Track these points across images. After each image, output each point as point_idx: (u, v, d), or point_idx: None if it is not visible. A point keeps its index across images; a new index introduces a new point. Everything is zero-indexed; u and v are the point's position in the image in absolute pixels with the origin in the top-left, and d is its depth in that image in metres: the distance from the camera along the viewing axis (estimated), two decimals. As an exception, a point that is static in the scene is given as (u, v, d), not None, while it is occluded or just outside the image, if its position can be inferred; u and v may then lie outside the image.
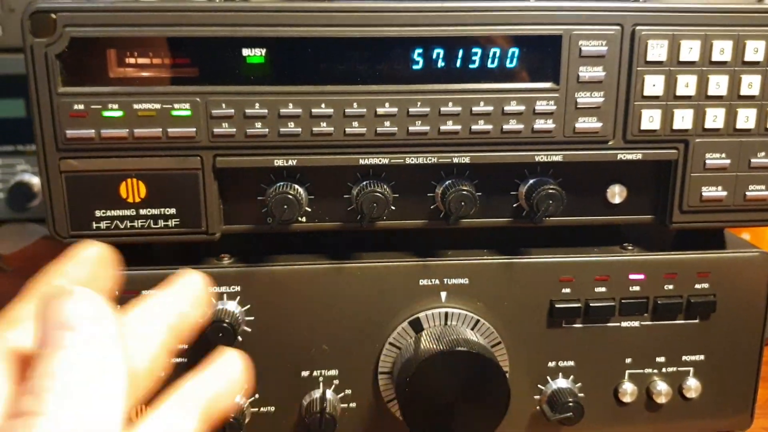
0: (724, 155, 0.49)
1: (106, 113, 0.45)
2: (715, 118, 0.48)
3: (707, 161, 0.49)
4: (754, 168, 0.49)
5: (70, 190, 0.47)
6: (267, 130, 0.46)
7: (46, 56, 0.44)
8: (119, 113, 0.45)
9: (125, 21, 0.44)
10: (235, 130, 0.46)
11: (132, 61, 0.46)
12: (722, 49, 0.47)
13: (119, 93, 0.45)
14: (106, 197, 0.47)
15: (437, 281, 0.51)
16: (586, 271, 0.51)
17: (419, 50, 0.46)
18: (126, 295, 0.49)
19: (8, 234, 1.01)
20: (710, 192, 0.49)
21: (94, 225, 0.47)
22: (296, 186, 0.48)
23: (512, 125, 0.47)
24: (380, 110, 0.46)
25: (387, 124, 0.47)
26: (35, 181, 1.00)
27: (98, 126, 0.45)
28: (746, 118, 0.48)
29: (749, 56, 0.47)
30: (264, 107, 0.46)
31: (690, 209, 0.50)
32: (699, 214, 0.50)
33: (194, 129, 0.46)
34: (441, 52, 0.47)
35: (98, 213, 0.47)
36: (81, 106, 0.45)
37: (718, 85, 0.47)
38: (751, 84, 0.48)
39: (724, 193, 0.49)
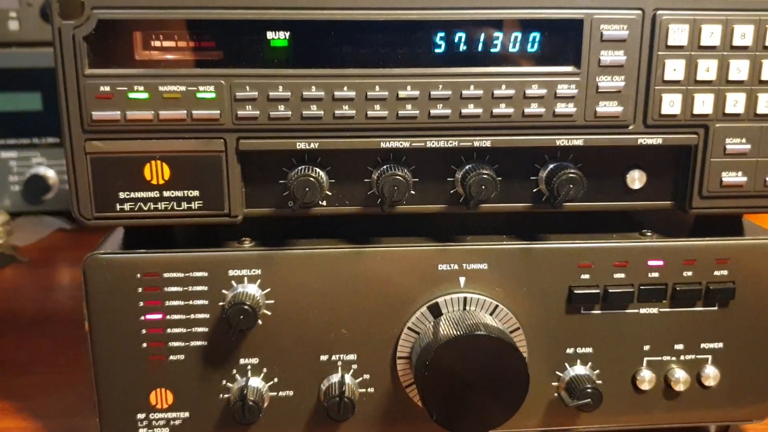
0: (744, 140, 0.49)
1: (131, 95, 0.46)
2: (735, 102, 0.48)
3: (727, 146, 0.49)
4: (774, 154, 0.49)
5: (95, 171, 0.47)
6: (290, 112, 0.46)
7: (73, 38, 0.45)
8: (145, 95, 0.46)
9: (151, 3, 0.45)
10: (258, 112, 0.46)
11: (157, 43, 0.46)
12: (743, 34, 0.47)
13: (145, 75, 0.46)
14: (130, 179, 0.47)
15: (456, 266, 0.51)
16: (604, 257, 0.51)
17: (441, 34, 0.47)
18: (147, 277, 0.49)
19: (24, 226, 1.02)
20: (730, 177, 0.49)
21: (118, 207, 0.48)
22: (317, 169, 0.49)
23: (533, 109, 0.47)
24: (402, 93, 0.47)
25: (408, 107, 0.47)
26: (50, 173, 1.01)
27: (124, 108, 0.46)
28: (767, 104, 0.48)
29: (770, 41, 0.47)
30: (287, 90, 0.46)
31: (710, 194, 0.50)
32: (719, 199, 0.50)
33: (218, 111, 0.46)
34: (462, 35, 0.47)
35: (122, 195, 0.48)
36: (107, 88, 0.46)
37: (739, 69, 0.48)
38: (771, 69, 0.48)
39: (744, 179, 0.49)
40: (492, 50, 0.47)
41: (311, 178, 0.47)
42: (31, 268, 0.92)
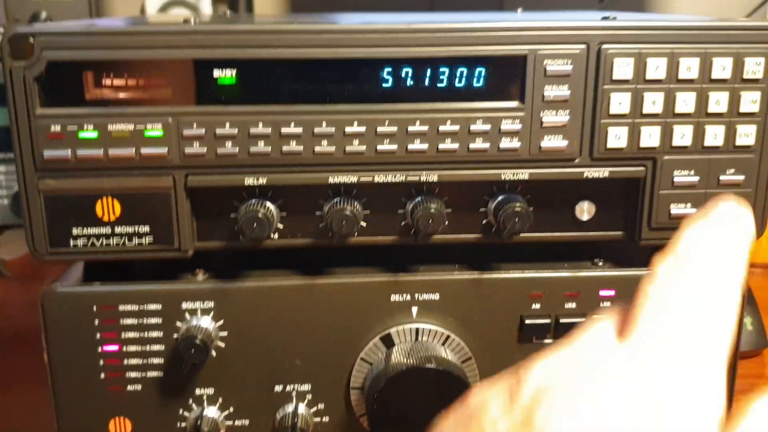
0: (692, 172, 0.49)
1: (82, 134, 0.47)
2: (683, 135, 0.48)
3: (676, 178, 0.49)
4: (723, 185, 0.49)
5: (49, 208, 0.48)
6: (237, 149, 0.47)
7: (24, 79, 0.46)
8: (94, 134, 0.47)
9: (100, 44, 0.46)
10: (206, 149, 0.47)
11: (107, 82, 0.47)
12: (689, 67, 0.47)
13: (94, 114, 0.46)
14: (82, 215, 0.48)
15: (408, 296, 0.52)
16: (556, 286, 0.51)
17: (388, 70, 0.47)
18: (104, 309, 0.50)
19: (11, 240, 1.04)
20: (679, 209, 0.49)
21: (72, 243, 0.49)
22: (268, 203, 0.49)
23: (478, 144, 0.47)
24: (348, 129, 0.47)
25: (355, 142, 0.48)
26: (38, 189, 1.03)
27: (74, 146, 0.47)
28: (715, 135, 0.48)
29: (716, 74, 0.47)
30: (234, 126, 0.47)
31: (659, 226, 0.50)
32: (668, 231, 0.50)
33: (166, 149, 0.47)
34: (409, 71, 0.47)
35: (75, 231, 0.48)
36: (58, 128, 0.46)
37: (686, 102, 0.48)
38: (719, 101, 0.48)
39: (693, 210, 0.49)
40: (438, 85, 0.47)
41: (259, 214, 0.48)
42: (17, 282, 0.94)
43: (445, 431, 0.29)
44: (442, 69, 0.47)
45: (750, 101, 0.48)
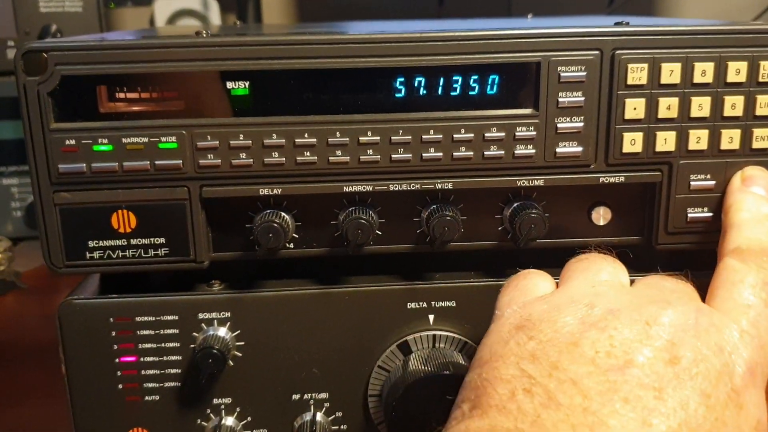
0: (709, 176, 0.49)
1: (96, 147, 0.47)
2: (698, 139, 0.48)
3: (692, 183, 0.49)
4: (740, 189, 0.49)
5: (65, 221, 0.48)
6: (251, 160, 0.47)
7: (38, 94, 0.46)
8: (109, 147, 0.47)
9: (113, 59, 0.46)
10: (220, 160, 0.47)
11: (121, 96, 0.47)
12: (704, 71, 0.47)
13: (108, 128, 0.47)
14: (98, 228, 0.48)
15: (425, 304, 0.51)
16: (573, 293, 0.51)
17: (401, 79, 0.47)
18: (120, 321, 0.51)
19: (26, 251, 1.04)
20: (696, 213, 0.49)
21: (88, 255, 0.49)
22: (283, 213, 0.49)
23: (493, 151, 0.47)
24: (363, 139, 0.47)
25: (370, 152, 0.48)
26: (51, 201, 1.03)
27: (89, 160, 0.47)
28: (730, 139, 0.48)
29: (731, 77, 0.47)
30: (248, 138, 0.47)
31: (676, 230, 0.50)
32: (685, 235, 0.50)
33: (180, 161, 0.47)
34: (422, 80, 0.47)
35: (91, 243, 0.49)
36: (72, 141, 0.47)
37: (701, 106, 0.47)
38: (734, 105, 0.47)
39: (710, 214, 0.49)
40: (452, 94, 0.47)
41: (275, 224, 0.48)
42: (32, 294, 0.94)
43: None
44: (455, 77, 0.47)
45: (765, 104, 0.47)
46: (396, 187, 0.49)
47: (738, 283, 0.39)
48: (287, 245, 0.50)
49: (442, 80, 0.47)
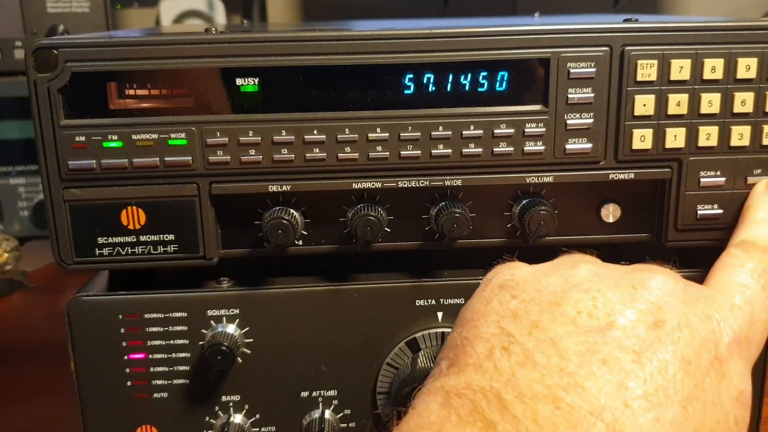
0: (719, 173, 0.48)
1: (106, 144, 0.47)
2: (708, 136, 0.48)
3: (702, 179, 0.48)
4: (750, 185, 0.49)
5: (74, 218, 0.48)
6: (261, 156, 0.47)
7: (48, 90, 0.46)
8: (119, 144, 0.47)
9: (123, 55, 0.46)
10: (229, 157, 0.47)
11: (130, 92, 0.47)
12: (713, 67, 0.47)
13: (118, 124, 0.47)
14: (108, 225, 0.48)
15: (433, 301, 0.51)
16: (582, 290, 0.51)
17: (409, 76, 0.47)
18: (129, 318, 0.51)
19: (33, 251, 1.04)
20: (706, 210, 0.49)
21: (97, 252, 0.49)
22: (292, 210, 0.49)
23: (502, 148, 0.47)
24: (372, 135, 0.47)
25: (379, 148, 0.47)
26: (58, 200, 1.03)
27: (99, 156, 0.47)
28: (740, 136, 0.48)
29: (741, 74, 0.47)
30: (257, 135, 0.47)
31: (686, 227, 0.49)
32: (695, 232, 0.50)
33: (190, 157, 0.47)
34: (431, 77, 0.47)
35: (101, 240, 0.49)
36: (82, 138, 0.47)
37: (711, 103, 0.47)
38: (744, 101, 0.47)
39: (720, 211, 0.49)
40: (461, 90, 0.47)
41: (284, 221, 0.48)
42: (39, 294, 0.94)
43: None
44: (464, 73, 0.47)
45: (775, 100, 0.47)
46: (405, 183, 0.49)
47: (737, 267, 0.39)
48: (296, 242, 0.50)
49: (451, 77, 0.47)
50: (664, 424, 0.30)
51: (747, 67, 0.47)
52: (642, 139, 0.48)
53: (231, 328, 0.50)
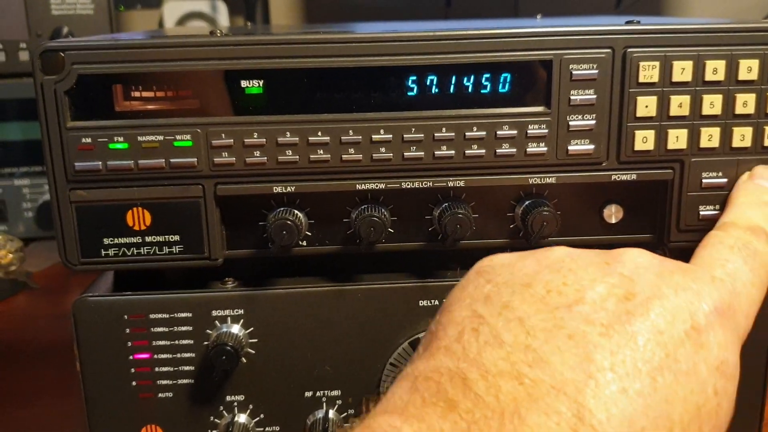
0: (720, 174, 0.49)
1: (112, 146, 0.47)
2: (710, 137, 0.48)
3: (704, 180, 0.49)
4: (752, 186, 0.49)
5: (80, 219, 0.49)
6: (265, 158, 0.48)
7: (55, 93, 0.46)
8: (124, 145, 0.47)
9: (129, 58, 0.46)
10: (234, 158, 0.47)
11: (136, 94, 0.47)
12: (715, 69, 0.47)
13: (124, 126, 0.47)
14: (113, 226, 0.49)
15: (437, 302, 0.52)
16: (584, 290, 0.51)
17: (413, 77, 0.48)
18: (134, 318, 0.51)
19: (37, 252, 1.05)
20: (708, 211, 0.49)
21: (103, 252, 0.49)
22: (296, 211, 0.50)
23: (505, 149, 0.48)
24: (375, 137, 0.48)
25: (382, 150, 0.48)
26: (62, 201, 1.04)
27: (105, 158, 0.47)
28: (742, 137, 0.48)
29: (743, 75, 0.47)
30: (262, 136, 0.47)
31: (688, 228, 0.50)
32: (697, 233, 0.50)
33: (195, 159, 0.47)
34: (434, 78, 0.48)
35: (107, 241, 0.49)
36: (89, 140, 0.47)
37: (712, 104, 0.48)
38: (746, 103, 0.48)
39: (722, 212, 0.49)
40: (464, 92, 0.48)
41: (288, 221, 0.48)
42: (44, 294, 0.95)
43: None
44: (467, 75, 0.47)
45: (777, 102, 0.48)
46: (408, 184, 0.49)
47: (717, 245, 0.39)
48: (300, 243, 0.51)
49: (454, 78, 0.48)
50: (630, 395, 0.30)
51: (748, 69, 0.47)
52: (644, 140, 0.48)
53: (236, 329, 0.51)
